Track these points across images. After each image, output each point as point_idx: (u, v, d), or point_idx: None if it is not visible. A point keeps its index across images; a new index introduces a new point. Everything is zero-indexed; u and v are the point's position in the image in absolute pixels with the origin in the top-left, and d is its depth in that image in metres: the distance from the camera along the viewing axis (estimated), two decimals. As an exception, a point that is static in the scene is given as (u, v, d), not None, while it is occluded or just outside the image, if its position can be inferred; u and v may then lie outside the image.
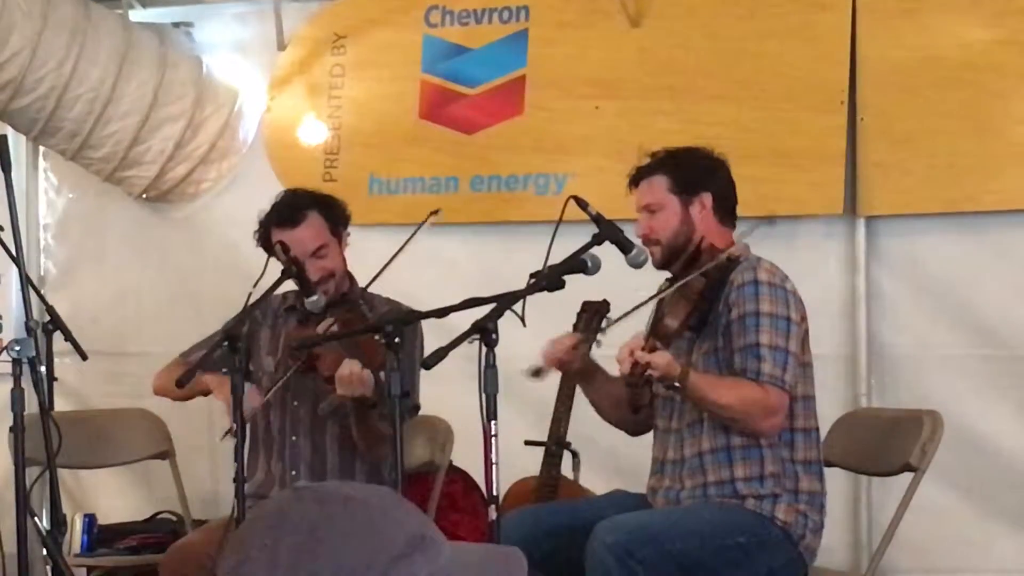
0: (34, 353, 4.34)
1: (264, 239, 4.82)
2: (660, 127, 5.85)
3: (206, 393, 4.76)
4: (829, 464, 4.57)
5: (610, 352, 4.22)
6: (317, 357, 4.60)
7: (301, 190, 5.01)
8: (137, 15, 6.85)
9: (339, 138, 6.61)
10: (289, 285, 4.69)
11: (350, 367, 4.41)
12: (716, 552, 4.18)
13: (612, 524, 4.11)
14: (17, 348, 4.27)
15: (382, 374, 4.18)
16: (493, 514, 3.74)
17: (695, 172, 4.49)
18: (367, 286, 4.74)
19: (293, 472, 4.80)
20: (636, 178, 4.53)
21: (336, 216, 4.89)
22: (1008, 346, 5.65)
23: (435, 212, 4.64)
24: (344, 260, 4.89)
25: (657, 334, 4.19)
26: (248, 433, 4.53)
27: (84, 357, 5.45)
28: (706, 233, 4.42)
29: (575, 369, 4.50)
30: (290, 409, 4.84)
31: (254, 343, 4.91)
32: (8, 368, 4.30)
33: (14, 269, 4.63)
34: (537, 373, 4.28)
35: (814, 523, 4.31)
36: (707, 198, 4.45)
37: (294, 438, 4.82)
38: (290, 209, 4.83)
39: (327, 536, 1.57)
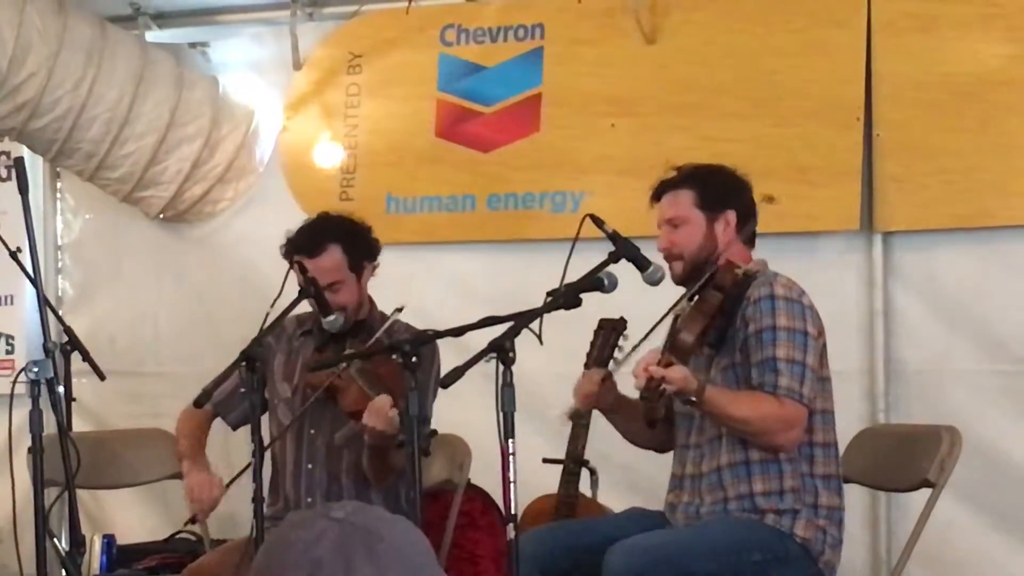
0: (52, 374, 4.33)
1: (288, 253, 4.82)
2: (676, 144, 5.83)
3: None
4: (847, 480, 4.55)
5: (627, 368, 4.21)
6: (337, 390, 4.60)
7: (331, 218, 4.93)
8: (153, 36, 6.86)
9: (355, 157, 6.61)
10: (304, 307, 4.67)
11: (382, 402, 4.40)
12: (733, 571, 4.16)
13: (624, 547, 4.08)
14: (35, 369, 4.27)
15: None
16: (511, 533, 3.73)
17: (722, 189, 4.48)
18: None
19: (308, 499, 4.79)
20: (660, 191, 4.50)
21: (359, 251, 4.84)
22: (1026, 361, 5.64)
23: (399, 310, 4.69)
24: (361, 293, 4.85)
25: (673, 349, 4.18)
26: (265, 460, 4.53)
27: (102, 377, 5.47)
28: (727, 251, 4.41)
29: (608, 403, 4.49)
30: (307, 438, 4.83)
31: (268, 370, 4.89)
32: (26, 389, 4.30)
33: (32, 290, 4.64)
34: (576, 415, 4.27)
35: (833, 538, 4.29)
36: (731, 216, 4.44)
37: (310, 466, 4.81)
38: (311, 239, 4.79)
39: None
